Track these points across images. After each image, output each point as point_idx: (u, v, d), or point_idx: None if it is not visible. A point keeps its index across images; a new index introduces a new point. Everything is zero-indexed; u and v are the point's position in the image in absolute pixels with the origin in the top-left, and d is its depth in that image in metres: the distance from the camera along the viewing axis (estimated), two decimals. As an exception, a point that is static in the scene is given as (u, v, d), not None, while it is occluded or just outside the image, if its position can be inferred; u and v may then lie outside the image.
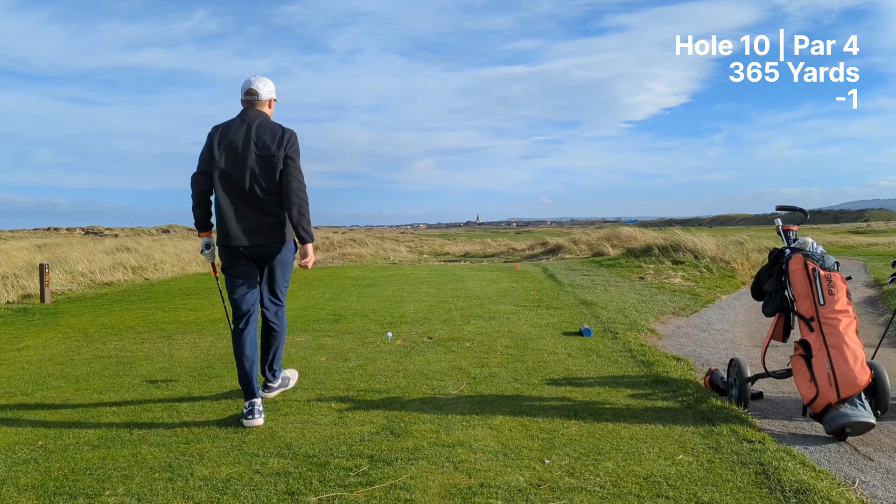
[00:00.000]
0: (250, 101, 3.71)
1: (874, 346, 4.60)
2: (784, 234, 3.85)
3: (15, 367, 4.95)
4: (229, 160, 3.56)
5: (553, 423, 3.37)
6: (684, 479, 2.64)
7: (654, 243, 14.15)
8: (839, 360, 3.22)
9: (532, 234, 46.00)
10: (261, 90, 3.70)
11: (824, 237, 29.65)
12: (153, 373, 4.66)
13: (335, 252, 24.81)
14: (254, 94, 3.70)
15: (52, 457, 2.96)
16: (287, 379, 4.12)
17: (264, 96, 3.72)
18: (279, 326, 3.85)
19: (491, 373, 4.50)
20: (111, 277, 12.33)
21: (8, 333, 6.68)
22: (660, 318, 7.05)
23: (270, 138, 3.57)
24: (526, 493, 2.52)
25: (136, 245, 18.05)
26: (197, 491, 2.57)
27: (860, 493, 2.59)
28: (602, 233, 21.71)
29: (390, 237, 41.67)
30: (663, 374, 4.39)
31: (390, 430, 3.27)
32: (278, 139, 3.58)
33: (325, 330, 6.41)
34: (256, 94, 3.70)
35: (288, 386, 4.09)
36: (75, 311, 8.30)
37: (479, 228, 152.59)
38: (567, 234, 25.59)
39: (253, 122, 3.62)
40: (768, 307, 3.72)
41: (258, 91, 3.69)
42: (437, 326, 6.47)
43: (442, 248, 31.62)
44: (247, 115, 3.66)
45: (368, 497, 2.50)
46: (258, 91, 3.69)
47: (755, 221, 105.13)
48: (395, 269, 15.42)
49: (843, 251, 20.17)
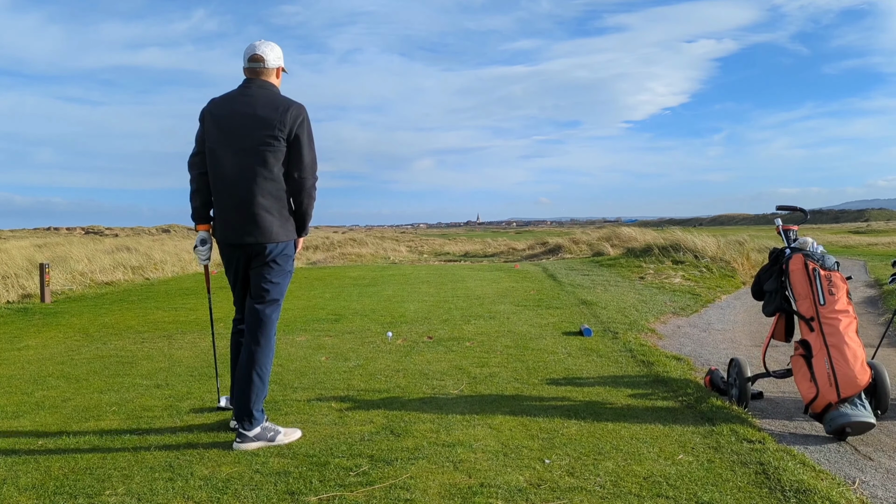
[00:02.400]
0: (254, 68, 3.16)
1: (874, 346, 4.60)
2: (784, 234, 3.85)
3: (15, 367, 4.95)
4: (223, 139, 3.08)
5: (553, 422, 3.37)
6: (684, 479, 2.64)
7: (654, 243, 14.15)
8: (839, 359, 3.22)
9: (532, 234, 46.01)
10: (267, 56, 3.16)
11: (824, 237, 29.65)
12: (153, 372, 4.66)
13: (335, 252, 24.81)
14: (259, 59, 3.14)
15: (53, 456, 2.96)
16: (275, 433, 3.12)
17: (271, 63, 3.17)
18: (262, 342, 3.12)
19: (491, 372, 4.50)
20: (111, 277, 12.33)
21: (8, 333, 6.69)
22: (660, 318, 7.05)
23: (275, 113, 3.04)
24: (526, 493, 2.52)
25: (136, 245, 18.05)
26: (197, 490, 2.56)
27: (860, 493, 2.59)
28: (602, 233, 21.71)
29: (390, 237, 41.67)
30: (663, 374, 4.39)
31: (390, 430, 3.27)
32: (284, 115, 3.04)
33: (326, 329, 6.40)
34: (262, 61, 3.14)
35: (274, 441, 3.09)
36: (75, 311, 8.30)
37: (479, 228, 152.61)
38: (567, 234, 25.58)
39: (256, 94, 3.11)
40: (768, 307, 3.72)
41: (264, 57, 3.14)
42: (438, 326, 6.47)
43: (442, 247, 31.60)
44: (249, 86, 3.14)
45: (368, 497, 2.50)
46: (264, 57, 3.14)
47: (755, 221, 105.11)
48: (395, 269, 15.42)
49: (843, 251, 20.17)
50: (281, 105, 3.08)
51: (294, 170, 3.10)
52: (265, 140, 3.03)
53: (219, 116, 3.11)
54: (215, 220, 3.21)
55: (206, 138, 3.13)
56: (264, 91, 3.13)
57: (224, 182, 3.09)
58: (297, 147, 3.08)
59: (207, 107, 3.17)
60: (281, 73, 3.30)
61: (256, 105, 3.07)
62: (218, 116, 3.11)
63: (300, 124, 3.09)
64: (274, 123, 3.03)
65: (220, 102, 3.16)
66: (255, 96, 3.10)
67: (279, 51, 3.24)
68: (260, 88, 3.13)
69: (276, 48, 3.23)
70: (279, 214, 3.11)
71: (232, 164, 3.06)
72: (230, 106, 3.12)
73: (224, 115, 3.10)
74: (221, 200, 3.12)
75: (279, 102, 3.10)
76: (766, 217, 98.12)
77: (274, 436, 3.10)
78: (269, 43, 3.22)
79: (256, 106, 3.07)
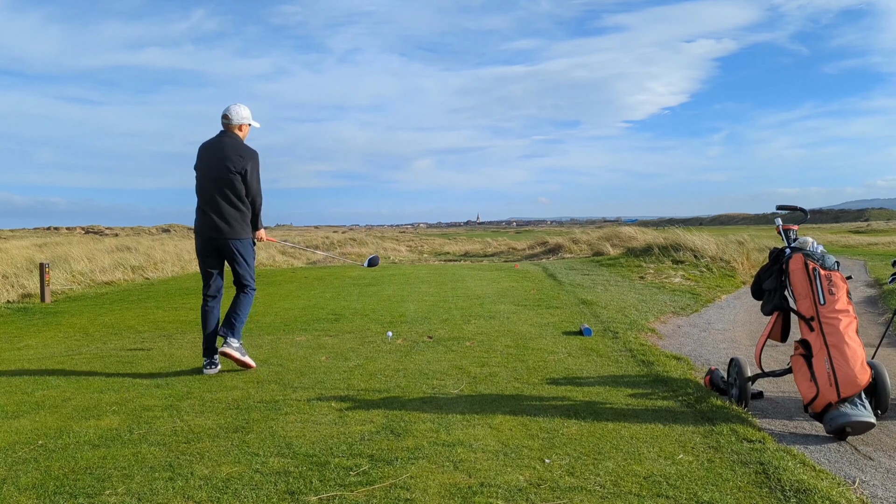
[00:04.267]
0: (224, 123, 4.63)
1: (874, 346, 4.60)
2: (784, 234, 3.85)
3: (15, 366, 4.95)
4: (204, 169, 4.57)
5: (553, 422, 3.37)
6: (684, 479, 2.64)
7: (654, 243, 14.15)
8: (839, 359, 3.22)
9: (532, 234, 45.98)
10: (232, 116, 4.59)
11: (824, 237, 29.66)
12: (153, 372, 4.66)
13: (335, 251, 24.81)
14: (226, 118, 4.60)
15: (53, 456, 2.96)
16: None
17: (235, 121, 4.60)
18: (241, 301, 4.69)
19: (491, 372, 4.50)
20: (111, 277, 12.34)
21: (8, 333, 6.69)
22: (660, 318, 7.05)
23: (234, 156, 4.48)
24: (526, 493, 2.52)
25: (136, 244, 18.05)
26: (197, 490, 2.56)
27: (860, 493, 2.59)
28: (602, 232, 21.72)
29: (390, 236, 41.67)
30: (663, 374, 4.39)
31: (390, 430, 3.27)
32: (240, 158, 4.49)
33: (325, 329, 6.41)
34: (229, 119, 4.60)
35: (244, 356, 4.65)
36: (75, 311, 8.30)
37: (479, 228, 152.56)
38: (567, 234, 25.58)
39: (225, 142, 4.56)
40: (766, 306, 3.72)
41: (230, 116, 4.59)
42: (438, 326, 6.47)
43: (442, 247, 31.61)
44: (222, 135, 4.62)
45: (368, 496, 2.50)
46: (230, 116, 4.59)
47: (755, 221, 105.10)
48: (395, 269, 15.42)
49: (844, 251, 20.18)
50: (239, 151, 4.54)
51: (248, 195, 4.58)
52: (227, 174, 4.50)
53: (202, 154, 4.62)
54: (197, 220, 4.62)
55: (196, 167, 4.64)
56: (230, 140, 4.59)
57: (203, 198, 4.59)
58: (248, 180, 4.55)
59: (200, 146, 4.65)
60: (246, 127, 4.70)
61: (224, 149, 4.54)
62: (202, 154, 4.62)
63: (252, 165, 4.55)
64: (234, 163, 4.49)
65: (205, 145, 4.64)
66: (224, 143, 4.57)
67: (245, 112, 4.65)
68: (228, 138, 4.60)
69: (243, 110, 4.64)
70: (236, 220, 4.55)
71: (209, 187, 4.55)
72: (209, 148, 4.60)
73: (205, 153, 4.61)
74: (202, 209, 4.59)
75: (239, 149, 4.55)
76: (766, 217, 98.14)
77: (244, 353, 4.62)
78: (238, 106, 4.63)
79: (224, 150, 4.53)
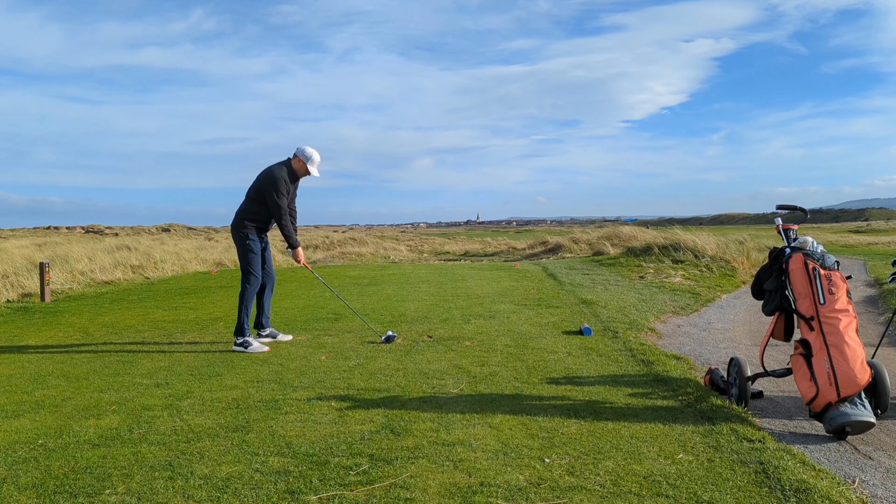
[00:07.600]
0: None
1: (874, 346, 4.60)
2: (784, 234, 3.85)
3: (15, 366, 4.95)
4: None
5: (553, 421, 3.37)
6: (684, 478, 2.64)
7: (654, 242, 14.15)
8: (839, 359, 3.22)
9: (532, 234, 45.97)
10: (298, 152, 5.69)
11: (824, 236, 29.66)
12: (153, 371, 4.67)
13: (335, 251, 24.80)
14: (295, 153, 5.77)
15: (53, 455, 2.96)
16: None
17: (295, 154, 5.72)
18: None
19: (491, 372, 4.50)
20: (111, 276, 12.33)
21: (8, 332, 6.69)
22: (660, 318, 7.05)
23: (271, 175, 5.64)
24: (526, 492, 2.52)
25: (136, 244, 18.05)
26: (197, 490, 2.57)
27: (860, 492, 2.59)
28: (602, 232, 21.69)
29: (390, 236, 41.65)
30: (663, 373, 4.39)
31: (390, 429, 3.27)
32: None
33: (325, 329, 6.41)
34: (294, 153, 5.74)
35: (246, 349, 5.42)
36: (75, 310, 8.30)
37: (479, 227, 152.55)
38: (567, 234, 25.56)
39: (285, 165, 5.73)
40: (768, 306, 3.72)
41: (296, 151, 5.72)
42: (438, 325, 6.47)
43: (442, 247, 31.60)
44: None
45: (368, 496, 2.50)
46: (296, 151, 5.72)
47: (755, 220, 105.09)
48: (395, 268, 15.42)
49: (843, 250, 20.18)
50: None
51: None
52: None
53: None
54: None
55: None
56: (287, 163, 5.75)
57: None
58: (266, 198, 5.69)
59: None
60: (299, 161, 5.67)
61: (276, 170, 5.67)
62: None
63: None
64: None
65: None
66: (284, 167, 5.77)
67: (307, 150, 5.64)
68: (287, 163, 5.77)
69: (307, 150, 5.65)
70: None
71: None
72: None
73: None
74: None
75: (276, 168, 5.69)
76: (765, 216, 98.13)
77: (247, 346, 5.45)
78: (306, 147, 5.66)
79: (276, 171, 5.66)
